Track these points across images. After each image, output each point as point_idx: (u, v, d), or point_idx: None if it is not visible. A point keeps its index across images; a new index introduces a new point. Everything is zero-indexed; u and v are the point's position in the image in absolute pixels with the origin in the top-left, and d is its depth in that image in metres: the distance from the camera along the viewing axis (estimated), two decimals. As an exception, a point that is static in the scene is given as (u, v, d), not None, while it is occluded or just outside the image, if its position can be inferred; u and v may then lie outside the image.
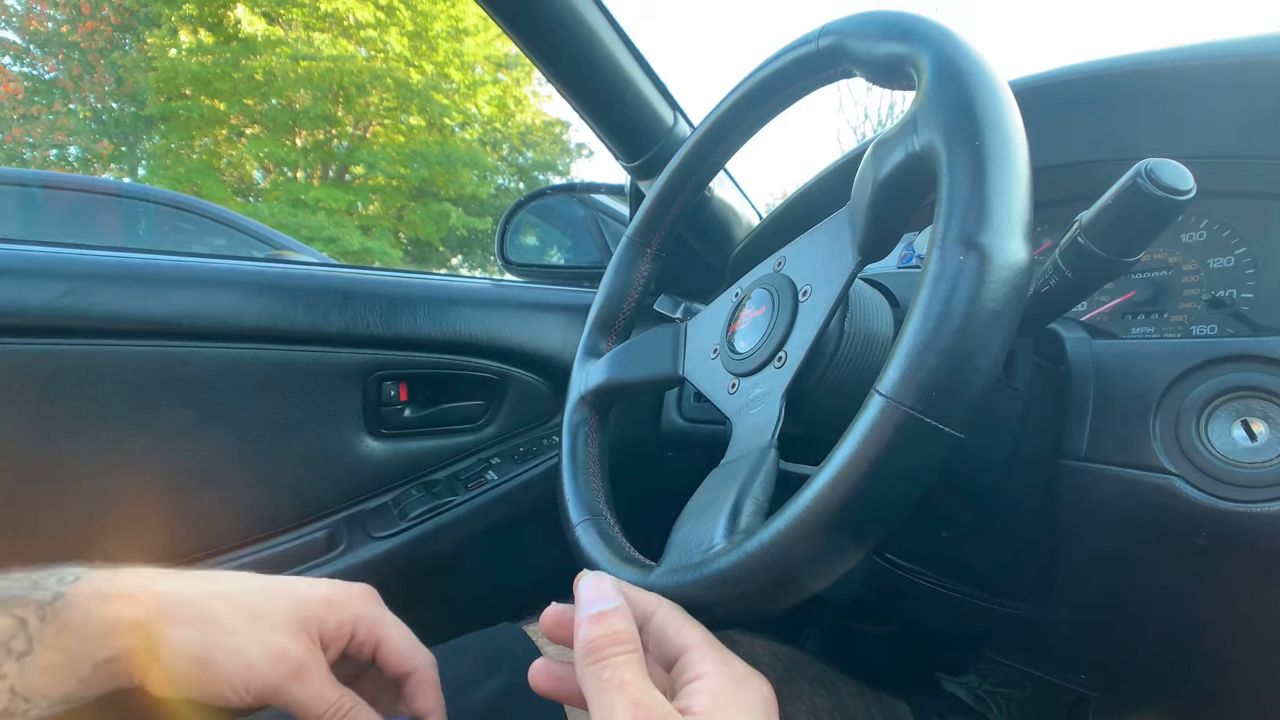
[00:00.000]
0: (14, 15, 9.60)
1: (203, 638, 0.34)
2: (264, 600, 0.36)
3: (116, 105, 10.30)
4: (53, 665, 0.31)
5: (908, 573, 0.62)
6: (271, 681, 0.34)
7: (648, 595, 0.32)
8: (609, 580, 0.31)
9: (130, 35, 10.16)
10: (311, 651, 0.36)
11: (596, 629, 0.28)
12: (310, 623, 0.36)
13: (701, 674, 0.28)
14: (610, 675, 0.26)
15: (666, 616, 0.31)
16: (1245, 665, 0.45)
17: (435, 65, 10.90)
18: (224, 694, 0.34)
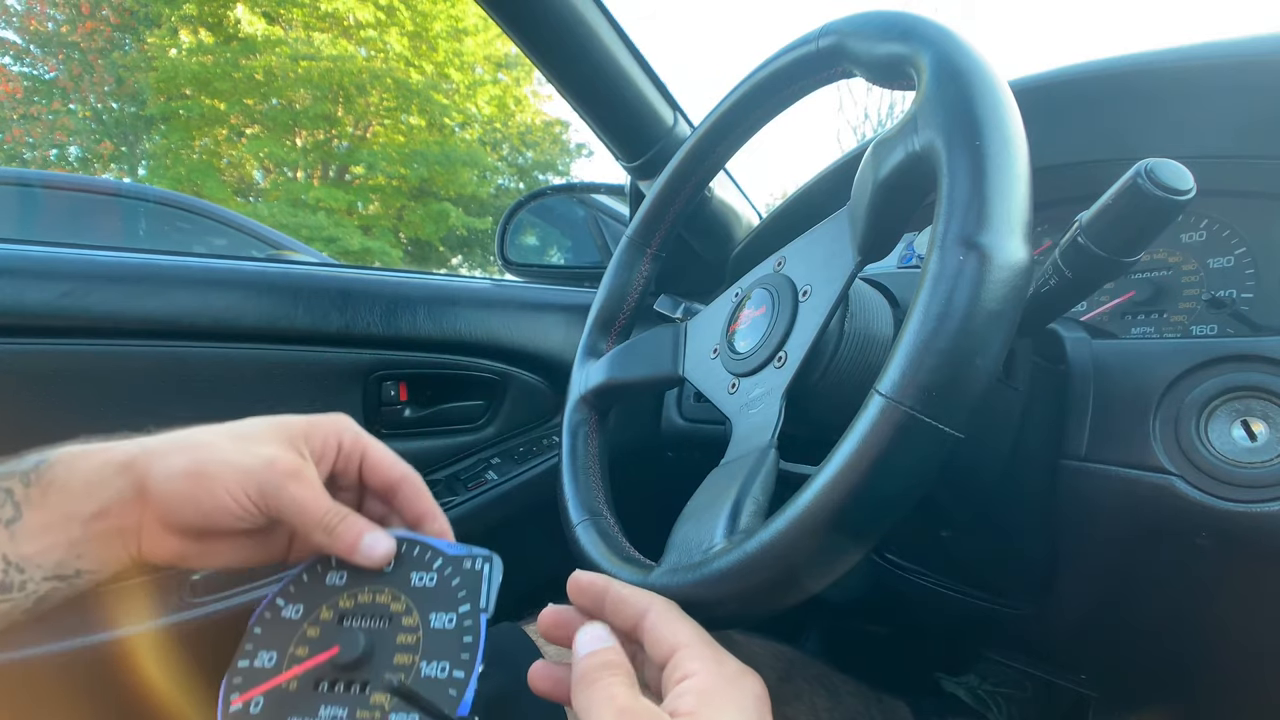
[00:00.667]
0: (14, 15, 9.61)
1: (192, 456, 0.33)
2: (248, 426, 0.36)
3: (116, 105, 10.30)
4: (41, 526, 0.31)
5: (908, 573, 0.62)
6: (269, 482, 0.33)
7: (639, 593, 0.32)
8: (601, 628, 0.31)
9: (130, 35, 10.16)
10: (304, 459, 0.35)
11: (588, 663, 0.29)
12: (297, 438, 0.36)
13: (691, 673, 0.28)
14: (600, 692, 0.27)
15: (659, 615, 0.31)
16: (1245, 664, 0.45)
17: (435, 65, 10.90)
18: (225, 506, 0.33)
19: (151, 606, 0.66)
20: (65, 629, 0.63)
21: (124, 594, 0.66)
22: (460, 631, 0.33)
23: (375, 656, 0.33)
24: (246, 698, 0.33)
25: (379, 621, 0.34)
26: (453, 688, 0.31)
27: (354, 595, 0.35)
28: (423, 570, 0.35)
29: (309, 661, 0.33)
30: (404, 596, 0.35)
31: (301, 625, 0.35)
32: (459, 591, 0.34)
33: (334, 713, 0.32)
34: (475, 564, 0.35)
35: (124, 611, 0.65)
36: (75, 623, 0.64)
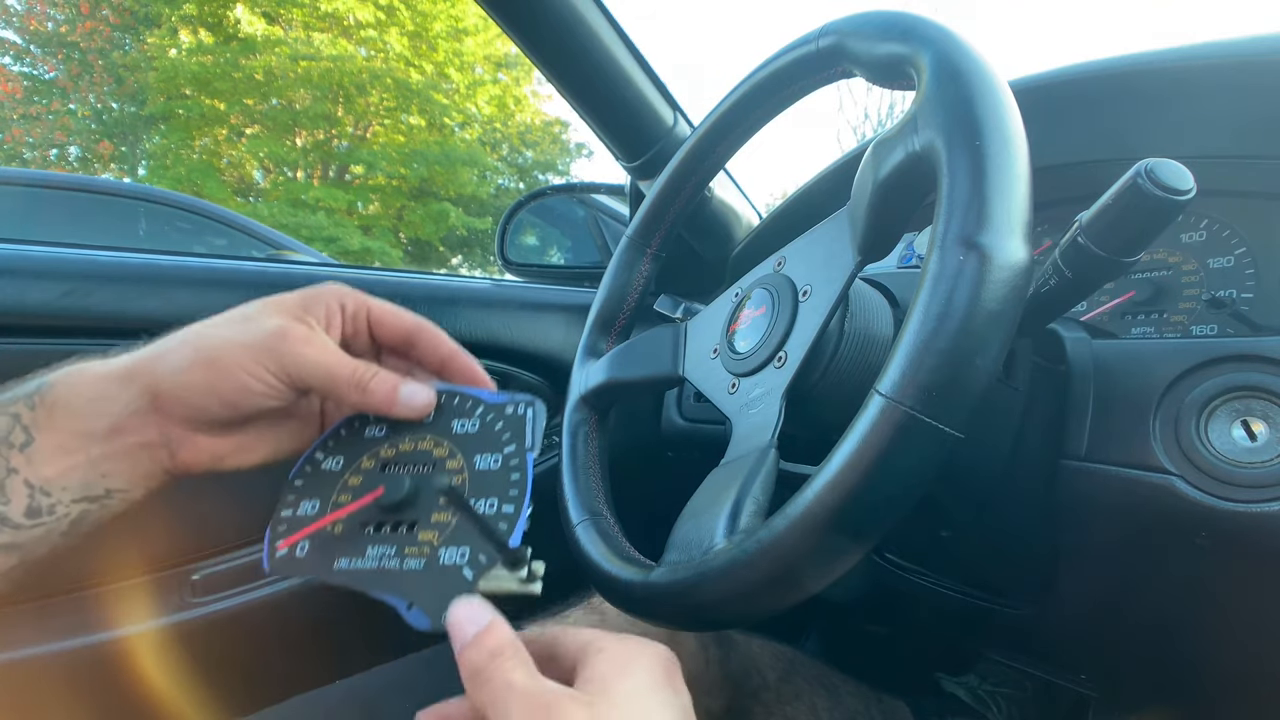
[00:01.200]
0: (14, 15, 9.61)
1: (195, 347, 0.32)
2: (244, 308, 0.34)
3: (116, 105, 10.30)
4: (56, 448, 0.30)
5: (908, 572, 0.62)
6: (284, 351, 0.32)
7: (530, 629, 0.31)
8: (474, 602, 0.29)
9: (130, 35, 10.16)
10: (314, 326, 0.34)
11: (476, 654, 0.27)
12: (297, 309, 0.34)
13: (596, 651, 0.27)
14: (498, 683, 0.25)
15: (557, 631, 0.30)
16: (1245, 664, 0.45)
17: (435, 65, 10.91)
18: (246, 386, 0.31)
19: (151, 606, 0.66)
20: (65, 629, 0.63)
21: (124, 594, 0.66)
22: (506, 470, 0.32)
23: (421, 497, 0.32)
24: (291, 541, 0.33)
25: (422, 467, 0.34)
26: (503, 521, 0.31)
27: (395, 445, 0.35)
28: (464, 418, 0.35)
29: (353, 504, 0.33)
30: (447, 442, 0.34)
31: (343, 476, 0.35)
32: (503, 435, 0.34)
33: (382, 551, 0.31)
34: (518, 409, 0.34)
35: (124, 611, 0.65)
36: (75, 623, 0.64)
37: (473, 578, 0.29)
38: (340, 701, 0.48)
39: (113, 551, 0.67)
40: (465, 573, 0.30)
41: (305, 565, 0.32)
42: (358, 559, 0.31)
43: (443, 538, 0.31)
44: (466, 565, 0.30)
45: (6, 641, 0.62)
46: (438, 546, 0.31)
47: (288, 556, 0.33)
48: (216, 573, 0.69)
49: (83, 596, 0.65)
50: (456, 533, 0.31)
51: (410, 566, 0.31)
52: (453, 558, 0.30)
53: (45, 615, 0.64)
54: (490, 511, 0.31)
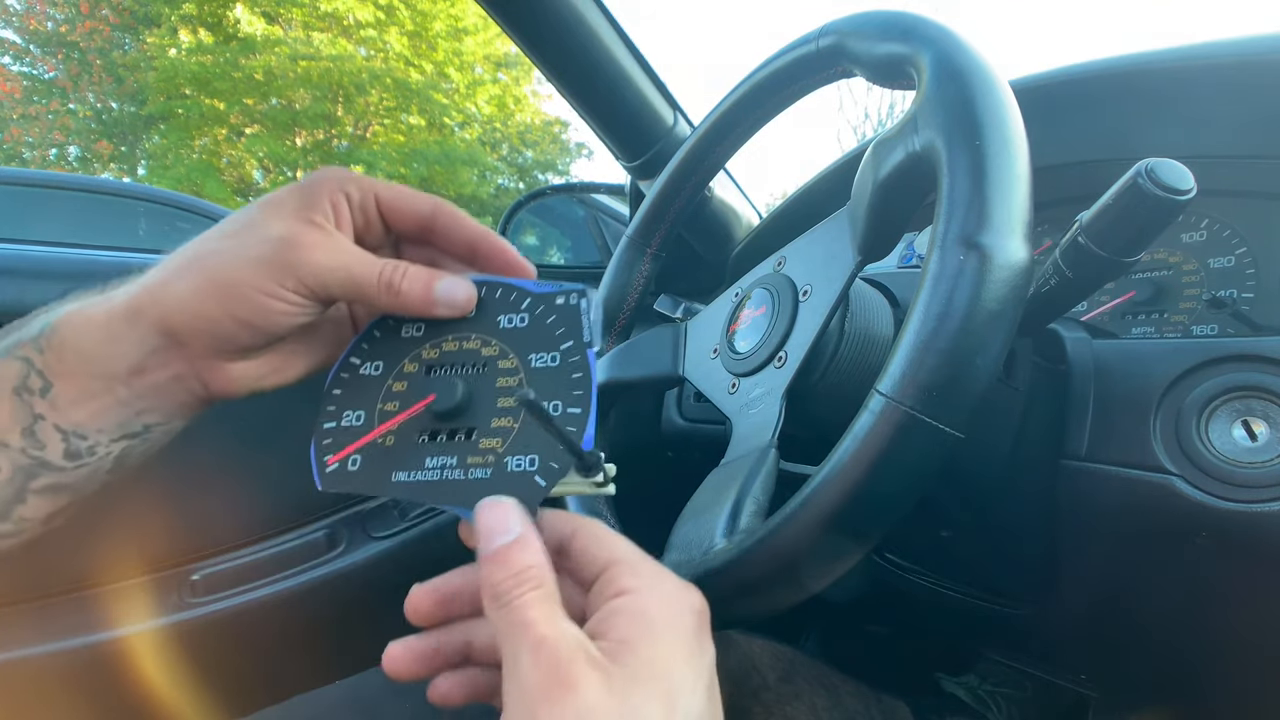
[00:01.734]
0: (13, 14, 9.60)
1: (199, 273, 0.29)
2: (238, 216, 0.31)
3: (116, 105, 10.29)
4: (81, 394, 0.28)
5: (908, 572, 0.62)
6: (298, 262, 0.29)
7: (561, 515, 0.29)
8: (511, 506, 0.26)
9: (129, 35, 10.16)
10: (323, 225, 0.30)
11: (499, 570, 0.24)
12: (301, 207, 0.30)
13: (624, 589, 0.25)
14: (515, 617, 0.23)
15: (589, 534, 0.27)
16: (1245, 664, 0.45)
17: (435, 65, 10.90)
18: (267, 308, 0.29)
19: (151, 606, 0.66)
20: (65, 629, 0.63)
21: (124, 594, 0.66)
22: (566, 369, 0.30)
23: (475, 402, 0.30)
24: (341, 456, 0.30)
25: (472, 368, 0.31)
26: (570, 425, 0.28)
27: (437, 345, 0.32)
28: (510, 311, 0.32)
29: (404, 413, 0.30)
30: (495, 341, 0.31)
31: (385, 381, 0.32)
32: (556, 330, 0.31)
33: (442, 462, 0.29)
34: (569, 299, 0.31)
35: (124, 611, 0.65)
36: (75, 623, 0.64)
37: (546, 485, 0.27)
38: (340, 701, 0.48)
39: (113, 551, 0.67)
40: (537, 480, 0.28)
41: (360, 480, 0.30)
42: (417, 470, 0.29)
43: (507, 444, 0.29)
44: (538, 473, 0.28)
45: (6, 641, 0.61)
46: (503, 454, 0.28)
47: (339, 472, 0.30)
48: (216, 573, 0.69)
49: (82, 596, 0.65)
50: (522, 439, 0.29)
51: (476, 476, 0.28)
52: (521, 465, 0.28)
53: (45, 615, 0.64)
54: (555, 414, 0.28)
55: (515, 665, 0.22)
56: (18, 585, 0.64)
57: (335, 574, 0.72)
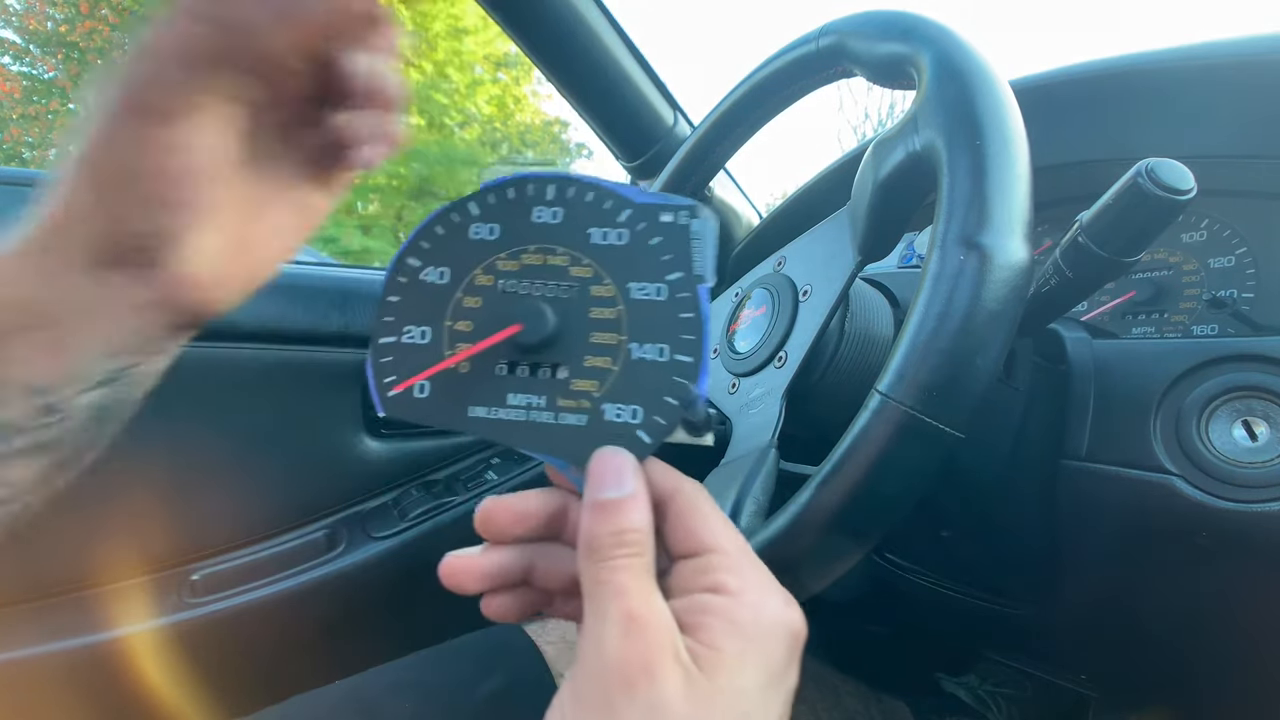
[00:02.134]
0: (13, 14, 9.60)
1: None
2: None
3: (116, 105, 10.28)
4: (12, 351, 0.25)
5: (908, 573, 0.62)
6: None
7: (669, 472, 0.26)
8: (626, 459, 0.24)
9: (129, 35, 10.15)
10: None
11: (602, 523, 0.23)
12: None
13: (722, 588, 0.23)
14: (608, 578, 0.22)
15: (691, 502, 0.25)
16: (1246, 665, 0.45)
17: (434, 64, 10.90)
18: None
19: (151, 606, 0.66)
20: (65, 629, 0.63)
21: (123, 594, 0.66)
22: (673, 305, 0.26)
23: (566, 333, 0.26)
24: (410, 383, 0.26)
25: (560, 290, 0.27)
26: (679, 374, 0.25)
27: (516, 256, 0.27)
28: (605, 224, 0.27)
29: (482, 342, 0.26)
30: (587, 258, 0.27)
31: (454, 293, 0.27)
32: (661, 254, 0.26)
33: (528, 400, 0.26)
34: (678, 217, 0.27)
35: (124, 611, 0.65)
36: (75, 623, 0.64)
37: (651, 442, 0.25)
38: (340, 701, 0.47)
39: (112, 551, 0.67)
40: (641, 435, 0.25)
41: (429, 410, 0.26)
42: (497, 407, 0.26)
43: (604, 389, 0.25)
44: (641, 427, 0.25)
45: (6, 641, 0.61)
46: (599, 400, 0.25)
47: (405, 398, 0.26)
48: (216, 573, 0.69)
49: (82, 596, 0.65)
50: (622, 385, 0.25)
51: (568, 421, 0.26)
52: (622, 415, 0.25)
53: (45, 615, 0.64)
54: (660, 359, 0.25)
55: (600, 633, 0.21)
56: (18, 585, 0.64)
57: (335, 574, 0.72)
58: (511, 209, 0.28)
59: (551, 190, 0.28)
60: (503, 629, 0.55)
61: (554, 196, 0.28)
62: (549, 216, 0.27)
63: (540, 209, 0.28)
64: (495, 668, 0.49)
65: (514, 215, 0.28)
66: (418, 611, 0.78)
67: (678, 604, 0.23)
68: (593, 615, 0.22)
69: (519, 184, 0.28)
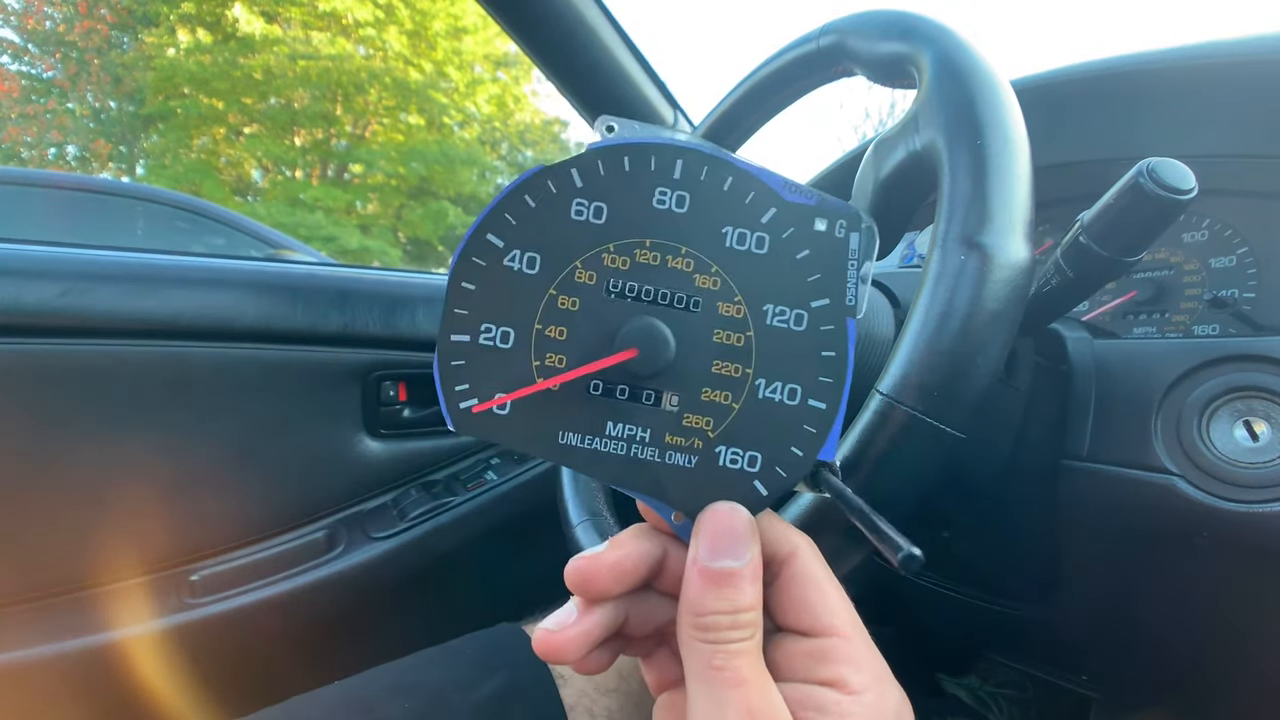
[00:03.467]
0: (12, 13, 9.59)
1: None
2: None
3: (114, 104, 10.28)
4: None
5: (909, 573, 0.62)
6: None
7: (787, 531, 0.24)
8: (743, 520, 0.21)
9: (128, 34, 10.14)
10: None
11: (715, 599, 0.21)
12: None
13: (842, 683, 0.21)
14: (723, 663, 0.20)
15: (807, 569, 0.23)
16: (1247, 665, 0.45)
17: (434, 64, 10.89)
18: None
19: (151, 607, 0.66)
20: (65, 629, 0.63)
21: (123, 594, 0.66)
22: (813, 339, 0.22)
23: (683, 357, 0.22)
24: (492, 404, 0.22)
25: (681, 305, 0.22)
26: (809, 422, 0.22)
27: (629, 250, 0.22)
28: (743, 224, 0.22)
29: (588, 366, 0.22)
30: (715, 267, 0.22)
31: (546, 289, 0.22)
32: (808, 272, 0.22)
33: (629, 432, 0.22)
34: (835, 227, 0.22)
35: (123, 612, 0.65)
36: (75, 623, 0.64)
37: (768, 496, 0.22)
38: (340, 702, 0.47)
39: (112, 552, 0.67)
40: (757, 487, 0.22)
41: (510, 431, 0.22)
42: (593, 436, 0.22)
43: (720, 429, 0.22)
44: (759, 477, 0.22)
45: (6, 641, 0.61)
46: (715, 441, 0.22)
47: (484, 417, 0.22)
48: (216, 573, 0.69)
49: (82, 597, 0.65)
50: (742, 426, 0.22)
51: (675, 461, 0.22)
52: (738, 461, 0.22)
53: (45, 615, 0.64)
54: (790, 402, 0.22)
55: None
56: (18, 585, 0.64)
57: (335, 574, 0.72)
58: (626, 186, 0.22)
59: (680, 167, 0.22)
60: (503, 629, 0.55)
61: (682, 175, 0.22)
62: (673, 203, 0.22)
63: (663, 191, 0.22)
64: (495, 668, 0.49)
65: (629, 195, 0.22)
66: (417, 611, 0.78)
67: (790, 691, 0.21)
68: (708, 704, 0.20)
69: (639, 152, 0.22)
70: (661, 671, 0.26)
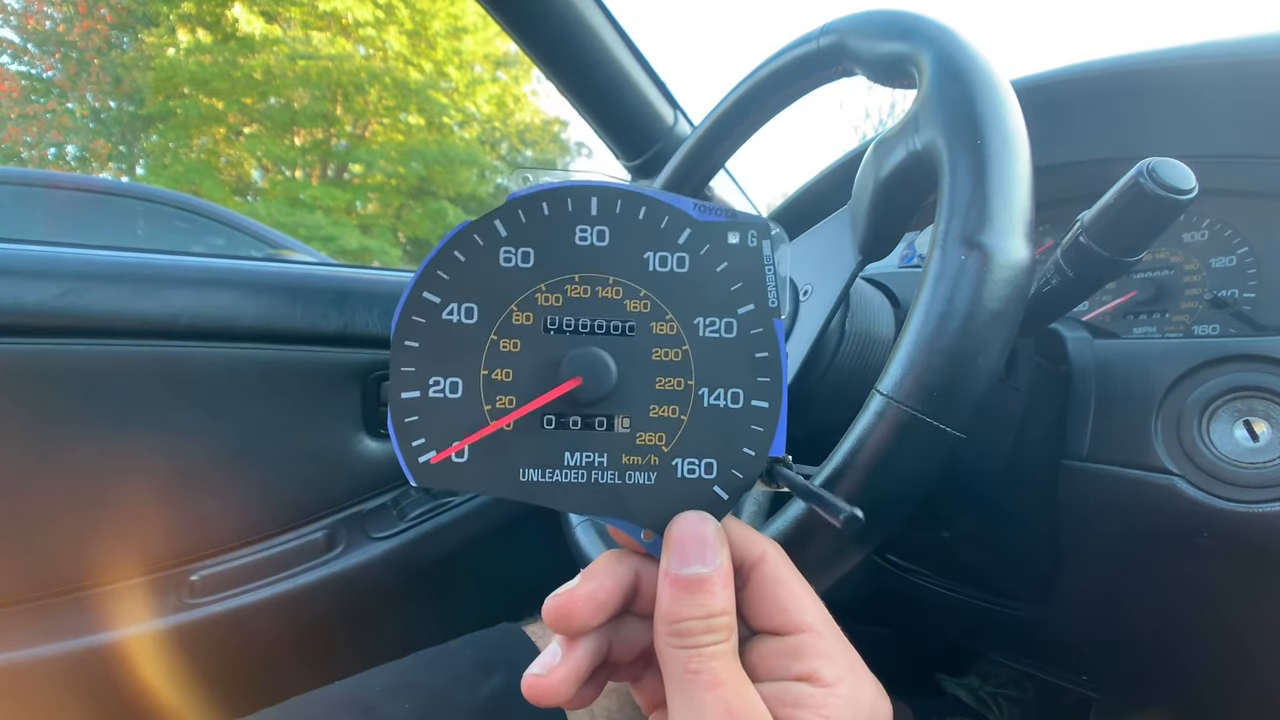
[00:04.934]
0: (11, 13, 9.59)
1: None
2: None
3: (114, 104, 10.28)
4: None
5: (908, 573, 0.62)
6: None
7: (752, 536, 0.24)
8: (709, 527, 0.22)
9: (128, 34, 10.15)
10: None
11: (688, 605, 0.21)
12: None
13: (815, 677, 0.22)
14: (699, 666, 0.21)
15: (776, 571, 0.23)
16: (1247, 665, 0.45)
17: (434, 63, 10.89)
18: None
19: (150, 607, 0.66)
20: (65, 629, 0.63)
21: (123, 594, 0.66)
22: (745, 343, 0.23)
23: (627, 381, 0.23)
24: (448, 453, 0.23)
25: (612, 327, 0.23)
26: (756, 421, 0.23)
27: (559, 288, 0.23)
28: (662, 248, 0.23)
29: (535, 401, 0.23)
30: (643, 290, 0.23)
31: (486, 336, 0.23)
32: (730, 283, 0.23)
33: (587, 459, 0.23)
34: (747, 238, 0.23)
35: (123, 612, 0.65)
36: (75, 623, 0.64)
37: (729, 499, 0.23)
38: (340, 701, 0.47)
39: (112, 552, 0.67)
40: (717, 492, 0.23)
41: (472, 476, 0.23)
42: (552, 469, 0.23)
43: (674, 442, 0.23)
44: (717, 482, 0.23)
45: (6, 641, 0.61)
46: (670, 455, 0.23)
47: (443, 467, 0.23)
48: (215, 573, 0.69)
49: (82, 597, 0.65)
50: (692, 437, 0.23)
51: (635, 480, 0.23)
52: (695, 470, 0.23)
53: (45, 615, 0.64)
54: (734, 406, 0.23)
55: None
56: (18, 585, 0.64)
57: (335, 574, 0.72)
58: (548, 228, 0.23)
59: (595, 205, 0.24)
60: (502, 629, 0.55)
61: (599, 212, 0.24)
62: (595, 238, 0.23)
63: (584, 228, 0.24)
64: (495, 668, 0.49)
65: (552, 236, 0.23)
66: (417, 612, 0.78)
67: (767, 690, 0.22)
68: (687, 707, 0.21)
69: (555, 196, 0.23)
70: (651, 693, 0.26)
